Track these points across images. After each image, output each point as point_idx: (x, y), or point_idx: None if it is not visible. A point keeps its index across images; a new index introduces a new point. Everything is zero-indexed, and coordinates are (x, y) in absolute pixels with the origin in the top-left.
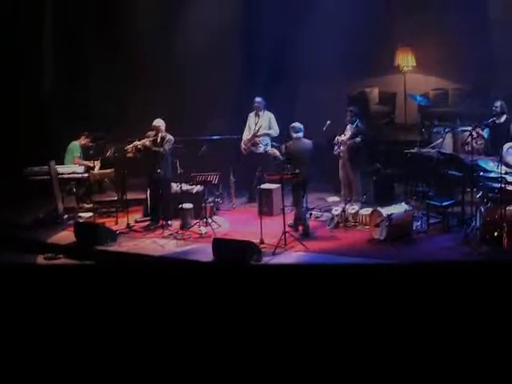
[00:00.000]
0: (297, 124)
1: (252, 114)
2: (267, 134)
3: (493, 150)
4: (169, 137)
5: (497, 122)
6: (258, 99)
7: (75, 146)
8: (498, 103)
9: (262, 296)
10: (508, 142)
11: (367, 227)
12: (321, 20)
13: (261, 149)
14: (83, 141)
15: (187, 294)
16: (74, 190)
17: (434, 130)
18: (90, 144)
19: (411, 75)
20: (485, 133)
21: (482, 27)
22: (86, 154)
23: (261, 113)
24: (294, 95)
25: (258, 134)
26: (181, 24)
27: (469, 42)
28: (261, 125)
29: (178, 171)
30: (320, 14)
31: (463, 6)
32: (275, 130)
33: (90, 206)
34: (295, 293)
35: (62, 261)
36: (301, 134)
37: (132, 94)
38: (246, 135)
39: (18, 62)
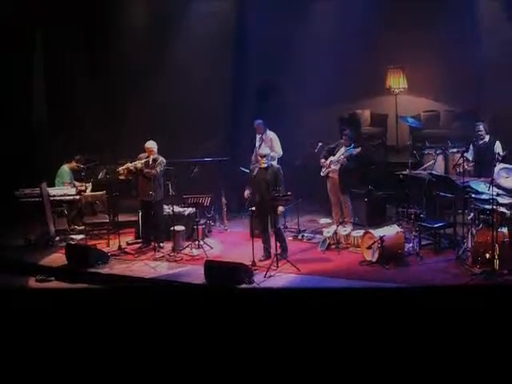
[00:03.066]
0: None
1: (257, 135)
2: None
3: (478, 170)
4: (161, 159)
5: (481, 143)
6: (255, 122)
7: (65, 170)
8: (481, 126)
9: (253, 318)
10: (493, 162)
11: (359, 249)
12: (312, 41)
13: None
14: (74, 165)
15: (179, 316)
16: (66, 212)
17: (426, 152)
18: (82, 167)
19: (403, 97)
20: (469, 155)
21: (474, 50)
22: (78, 176)
23: (264, 135)
24: (285, 117)
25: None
26: (170, 46)
27: (460, 65)
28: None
29: (170, 193)
30: (312, 36)
31: (454, 29)
32: (276, 152)
33: (82, 228)
34: (287, 316)
35: (54, 283)
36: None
37: (123, 117)
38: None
39: (9, 86)
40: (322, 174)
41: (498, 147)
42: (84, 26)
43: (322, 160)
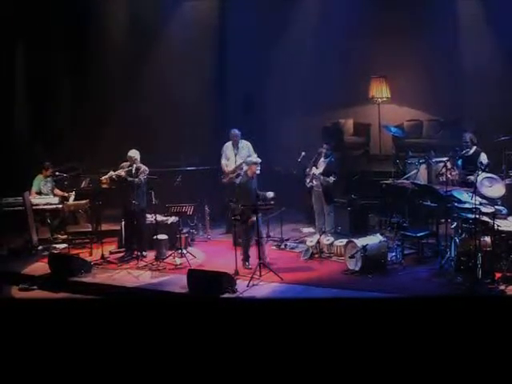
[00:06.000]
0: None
1: (229, 145)
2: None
3: (463, 181)
4: (143, 167)
5: (467, 154)
6: (235, 131)
7: (36, 179)
8: (468, 136)
9: (237, 329)
10: (477, 172)
11: (342, 258)
12: (295, 51)
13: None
14: (47, 172)
15: (161, 326)
16: (49, 221)
17: (409, 161)
18: (64, 175)
19: (386, 106)
20: (459, 163)
21: (456, 60)
22: (60, 185)
23: (239, 144)
24: (268, 126)
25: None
26: (155, 60)
27: (443, 74)
28: (241, 156)
29: (153, 202)
30: (294, 45)
31: (438, 38)
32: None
33: (65, 237)
34: (269, 326)
35: (37, 292)
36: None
37: (106, 125)
38: (226, 165)
39: None
40: (307, 184)
41: (483, 158)
42: (65, 32)
43: (308, 169)
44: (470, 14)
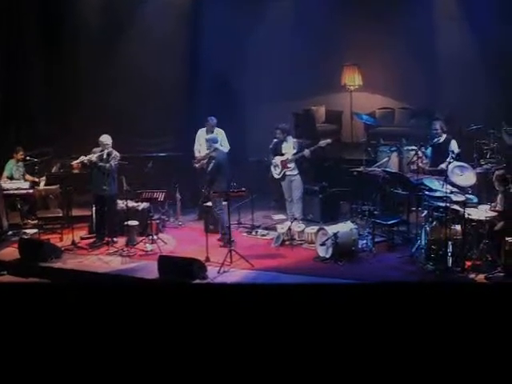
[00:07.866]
0: (212, 135)
1: (203, 131)
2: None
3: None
4: (115, 153)
5: (438, 142)
6: (213, 118)
7: (8, 164)
8: (438, 124)
9: (207, 315)
10: (447, 159)
11: (313, 245)
12: (268, 38)
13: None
14: (19, 156)
15: (131, 312)
16: (19, 206)
17: (380, 149)
18: (35, 160)
19: (358, 94)
20: (428, 151)
21: (428, 48)
22: (31, 170)
23: (214, 130)
24: (240, 114)
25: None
26: (126, 41)
27: (415, 63)
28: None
29: (124, 188)
30: (268, 33)
31: (410, 26)
32: (226, 146)
33: (35, 222)
34: (240, 312)
35: (6, 277)
36: (216, 145)
37: (78, 110)
38: (199, 151)
39: None
40: (277, 176)
41: (454, 146)
42: (37, 17)
43: (274, 161)
44: (444, 1)
